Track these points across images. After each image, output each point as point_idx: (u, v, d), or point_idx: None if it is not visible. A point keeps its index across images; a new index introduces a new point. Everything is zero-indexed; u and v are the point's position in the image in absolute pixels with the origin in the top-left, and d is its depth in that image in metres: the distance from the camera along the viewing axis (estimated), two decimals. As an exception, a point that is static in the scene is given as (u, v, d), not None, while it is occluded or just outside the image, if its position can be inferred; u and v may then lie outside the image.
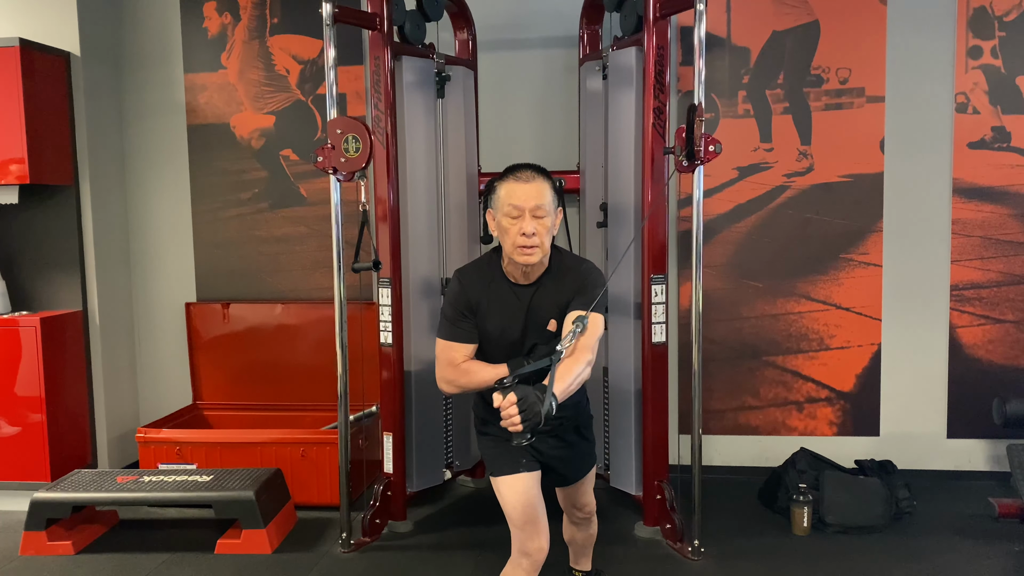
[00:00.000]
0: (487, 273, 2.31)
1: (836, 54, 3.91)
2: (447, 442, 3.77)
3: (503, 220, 2.21)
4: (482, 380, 2.23)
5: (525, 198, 2.18)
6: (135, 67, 4.31)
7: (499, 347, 2.29)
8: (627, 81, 3.43)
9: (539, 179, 2.21)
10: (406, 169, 3.52)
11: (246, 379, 4.29)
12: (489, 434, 2.37)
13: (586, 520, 2.63)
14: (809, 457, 3.64)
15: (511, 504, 2.26)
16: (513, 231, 2.18)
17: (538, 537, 2.24)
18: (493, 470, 2.33)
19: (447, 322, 2.30)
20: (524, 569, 2.25)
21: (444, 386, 2.30)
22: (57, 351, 3.85)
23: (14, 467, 3.79)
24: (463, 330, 2.27)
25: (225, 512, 3.32)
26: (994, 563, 3.10)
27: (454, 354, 2.28)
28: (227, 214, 4.34)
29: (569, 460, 2.43)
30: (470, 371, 2.26)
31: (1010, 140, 3.85)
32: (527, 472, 2.29)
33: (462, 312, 2.27)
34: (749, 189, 3.99)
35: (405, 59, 3.49)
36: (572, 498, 2.55)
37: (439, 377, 2.30)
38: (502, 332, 2.27)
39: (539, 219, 2.18)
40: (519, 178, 2.21)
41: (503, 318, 2.27)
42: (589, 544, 2.76)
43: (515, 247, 2.19)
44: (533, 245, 2.17)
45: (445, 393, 2.29)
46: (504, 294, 2.27)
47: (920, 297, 3.94)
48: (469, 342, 2.28)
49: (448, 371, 2.28)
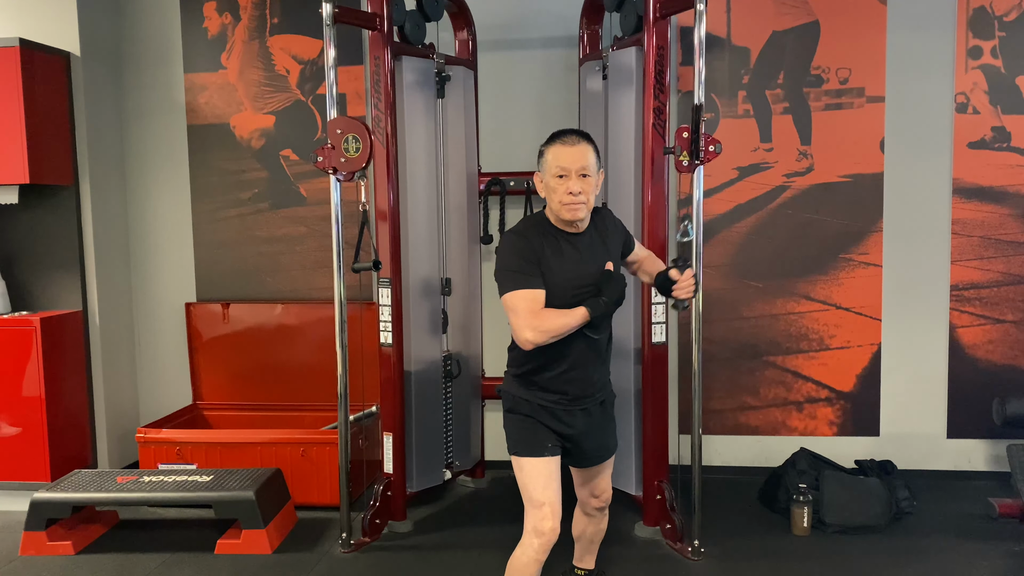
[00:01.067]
0: (540, 227, 2.37)
1: (836, 54, 3.91)
2: (447, 442, 3.76)
3: (551, 181, 2.32)
4: (567, 322, 2.27)
5: (571, 160, 2.29)
6: (135, 67, 4.31)
7: (566, 293, 2.32)
8: (627, 81, 3.43)
9: (583, 143, 2.33)
10: (406, 169, 3.52)
11: (246, 379, 4.29)
12: (520, 413, 2.41)
13: (600, 512, 2.67)
14: (809, 457, 3.64)
15: (533, 483, 2.33)
16: (561, 190, 2.29)
17: (552, 518, 2.31)
18: (518, 449, 2.39)
19: (516, 274, 2.29)
20: (535, 549, 2.31)
21: (533, 335, 2.24)
22: (57, 351, 3.85)
23: (14, 467, 3.79)
24: (534, 277, 2.29)
25: (225, 512, 3.32)
26: (994, 563, 3.10)
27: (533, 303, 2.27)
28: (227, 214, 4.34)
29: (592, 435, 2.48)
30: (552, 316, 2.27)
31: (1010, 140, 3.85)
32: (551, 456, 2.37)
33: (530, 260, 2.30)
34: (749, 189, 3.99)
35: (405, 59, 3.49)
36: (591, 483, 2.59)
37: (524, 327, 2.24)
38: (571, 278, 2.33)
39: (584, 178, 2.30)
40: (565, 142, 2.32)
41: (569, 264, 2.34)
42: (597, 540, 2.78)
43: (563, 205, 2.30)
44: (580, 202, 2.29)
45: (533, 345, 2.23)
46: (562, 244, 2.35)
47: (920, 297, 3.94)
48: (541, 288, 2.30)
49: (532, 319, 2.24)
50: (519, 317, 2.25)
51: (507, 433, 2.46)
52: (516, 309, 2.26)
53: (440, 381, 3.72)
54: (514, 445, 2.41)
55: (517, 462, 2.39)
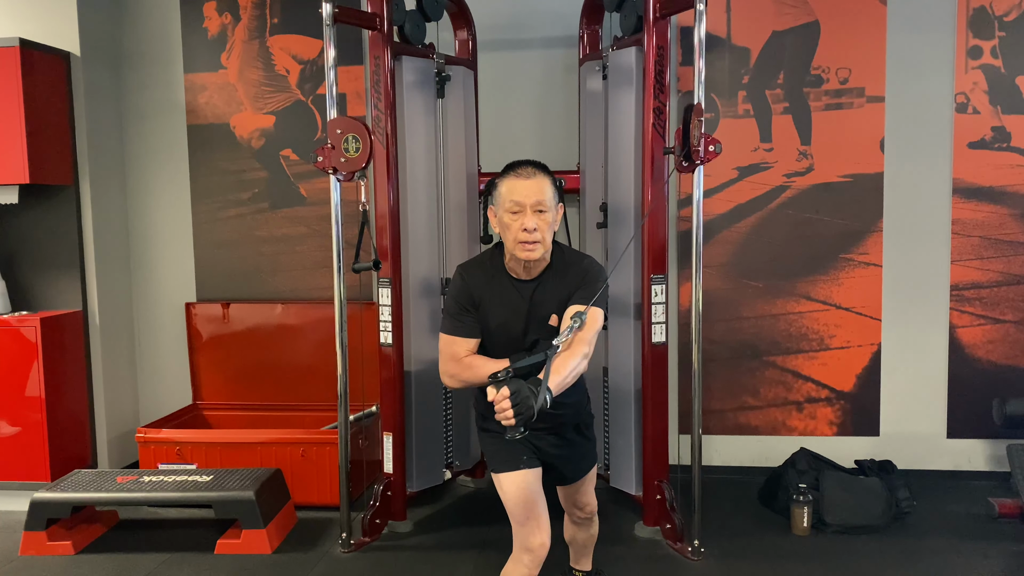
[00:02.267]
0: (489, 269, 2.32)
1: (836, 54, 3.91)
2: (447, 442, 3.76)
3: (504, 216, 2.23)
4: (484, 375, 2.23)
5: (526, 194, 2.20)
6: (135, 67, 4.31)
7: (501, 342, 2.30)
8: (627, 81, 3.43)
9: (539, 175, 2.24)
10: (406, 169, 3.52)
11: (246, 379, 4.29)
12: (490, 431, 2.37)
13: (587, 520, 2.63)
14: (809, 457, 3.64)
15: (513, 500, 2.27)
16: (515, 227, 2.20)
17: (540, 533, 2.25)
18: (494, 466, 2.34)
19: (449, 317, 2.31)
20: (525, 565, 2.26)
21: (447, 380, 2.33)
22: (57, 351, 3.85)
23: (14, 467, 3.79)
24: (465, 325, 2.29)
25: (225, 512, 3.32)
26: (994, 563, 3.10)
27: (456, 348, 2.29)
28: (227, 214, 4.34)
29: (569, 459, 2.44)
30: (472, 366, 2.27)
31: (1010, 140, 3.85)
32: (528, 468, 2.30)
33: (464, 307, 2.29)
34: (749, 189, 3.99)
35: (405, 59, 3.49)
36: (573, 498, 2.55)
37: (442, 371, 2.32)
38: (504, 327, 2.28)
39: (540, 215, 2.20)
40: (520, 174, 2.23)
41: (505, 313, 2.28)
42: (590, 544, 2.76)
43: (517, 243, 2.20)
44: (535, 241, 2.19)
45: (447, 387, 2.31)
46: (506, 290, 2.29)
47: (920, 297, 3.94)
48: (471, 336, 2.29)
49: (451, 365, 2.29)
50: (441, 359, 2.31)
51: (484, 453, 2.44)
52: (441, 350, 2.32)
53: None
54: (491, 462, 2.37)
55: (497, 480, 2.32)
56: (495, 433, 2.32)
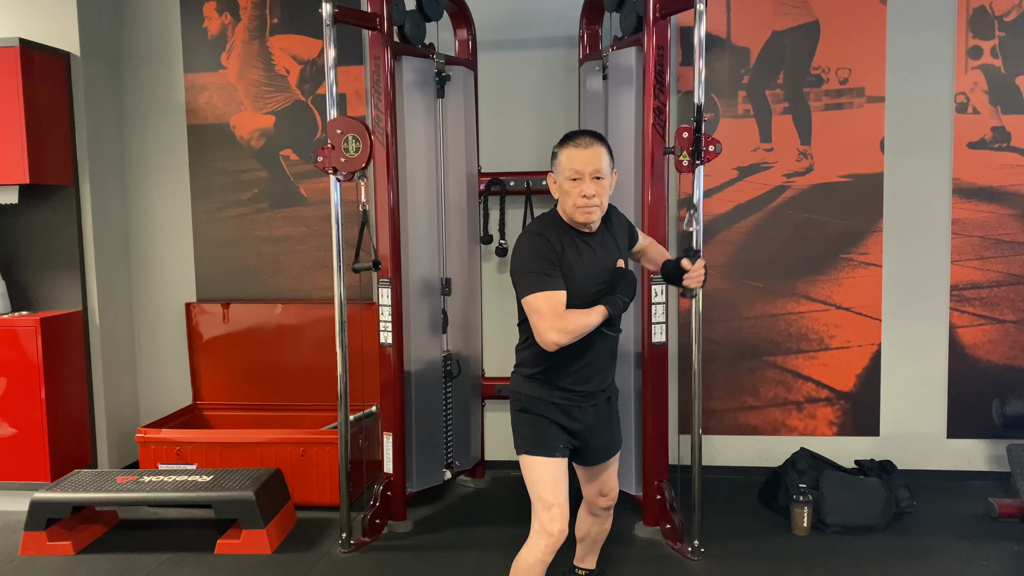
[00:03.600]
0: (556, 227, 2.37)
1: (836, 54, 3.91)
2: (447, 442, 3.76)
3: (564, 183, 2.32)
4: (589, 321, 2.28)
5: (584, 163, 2.29)
6: (135, 67, 4.31)
7: (584, 291, 2.33)
8: (627, 81, 3.43)
9: (596, 144, 2.33)
10: (406, 169, 3.52)
11: (246, 379, 4.29)
12: (532, 412, 2.40)
13: (606, 511, 2.67)
14: (809, 457, 3.64)
15: (542, 483, 2.34)
16: (575, 193, 2.30)
17: (562, 520, 2.31)
18: (529, 448, 2.38)
19: (538, 275, 2.28)
20: (541, 550, 2.31)
21: (557, 336, 2.24)
22: (57, 351, 3.85)
23: (14, 467, 3.79)
24: (555, 278, 2.29)
25: (225, 512, 3.32)
26: (994, 563, 3.10)
27: (556, 303, 2.27)
28: (227, 214, 4.34)
29: (601, 430, 2.49)
30: (575, 317, 2.27)
31: (1010, 140, 3.85)
32: (562, 458, 2.38)
33: (552, 261, 2.30)
34: (749, 189, 3.99)
35: (405, 59, 3.49)
36: (599, 480, 2.59)
37: (549, 329, 2.24)
38: (589, 277, 2.34)
39: (598, 181, 2.31)
40: (578, 144, 2.32)
41: (586, 263, 2.35)
42: (600, 540, 2.78)
43: (576, 207, 2.30)
44: (594, 205, 2.31)
45: (557, 346, 2.23)
46: (579, 243, 2.36)
47: (920, 297, 3.94)
48: (563, 289, 2.30)
49: (559, 321, 2.24)
50: (544, 319, 2.25)
51: (517, 432, 2.44)
52: (540, 311, 2.25)
53: (440, 381, 3.72)
54: (525, 444, 2.40)
55: (528, 461, 2.38)
56: (537, 416, 2.39)
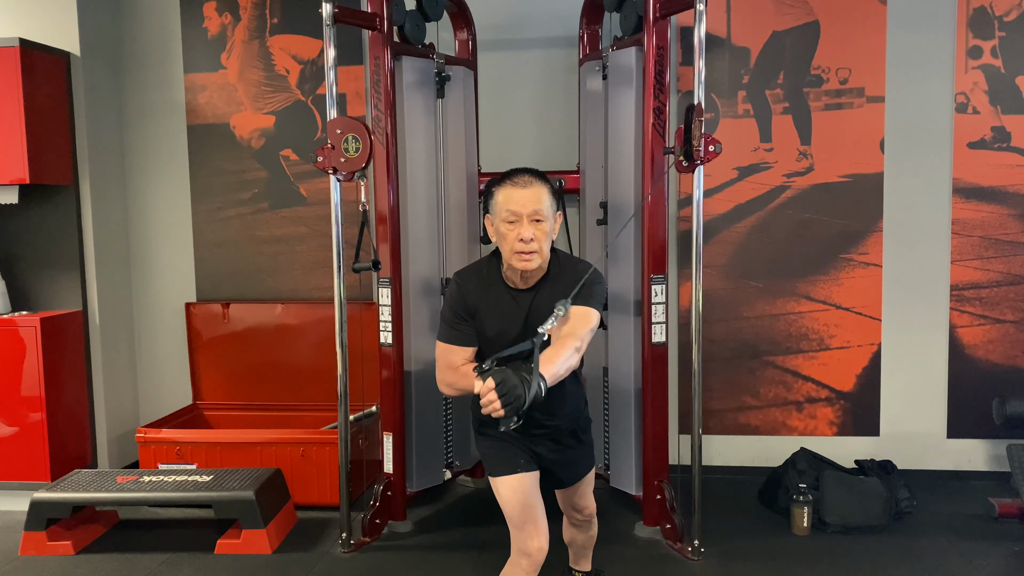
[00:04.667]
0: (486, 277, 2.30)
1: (836, 54, 3.91)
2: (447, 442, 3.77)
3: (501, 226, 2.19)
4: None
5: (523, 203, 2.15)
6: (135, 67, 4.31)
7: (497, 351, 2.27)
8: (627, 81, 3.43)
9: (537, 183, 2.19)
10: (406, 169, 3.52)
11: (246, 379, 4.29)
12: (488, 435, 2.37)
13: (586, 522, 2.63)
14: (809, 457, 3.64)
15: (510, 504, 2.26)
16: (511, 237, 2.16)
17: (537, 537, 2.23)
18: (492, 470, 2.33)
19: (446, 325, 2.30)
20: (523, 569, 2.25)
21: (443, 388, 2.31)
22: (57, 351, 3.85)
23: (14, 467, 3.79)
24: (462, 333, 2.27)
25: (225, 512, 3.32)
26: (994, 563, 3.10)
27: (453, 357, 2.27)
28: (227, 214, 4.34)
29: (565, 464, 2.43)
30: (468, 374, 2.23)
31: (1010, 140, 3.85)
32: (525, 472, 2.29)
33: (461, 315, 2.27)
34: (749, 189, 3.99)
35: (405, 59, 3.49)
36: (571, 500, 2.55)
37: (439, 379, 2.31)
38: (501, 335, 2.26)
39: (538, 224, 2.16)
40: (516, 183, 2.19)
41: (502, 322, 2.26)
42: (589, 545, 2.76)
43: (513, 253, 2.17)
44: (531, 251, 2.15)
45: (445, 395, 2.29)
46: (503, 299, 2.26)
47: (920, 297, 3.94)
48: (468, 345, 2.28)
49: (447, 374, 2.27)
50: (438, 367, 2.31)
51: (481, 456, 2.42)
52: (438, 359, 2.31)
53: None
54: (488, 466, 2.36)
55: (494, 483, 2.32)
56: (492, 437, 2.33)
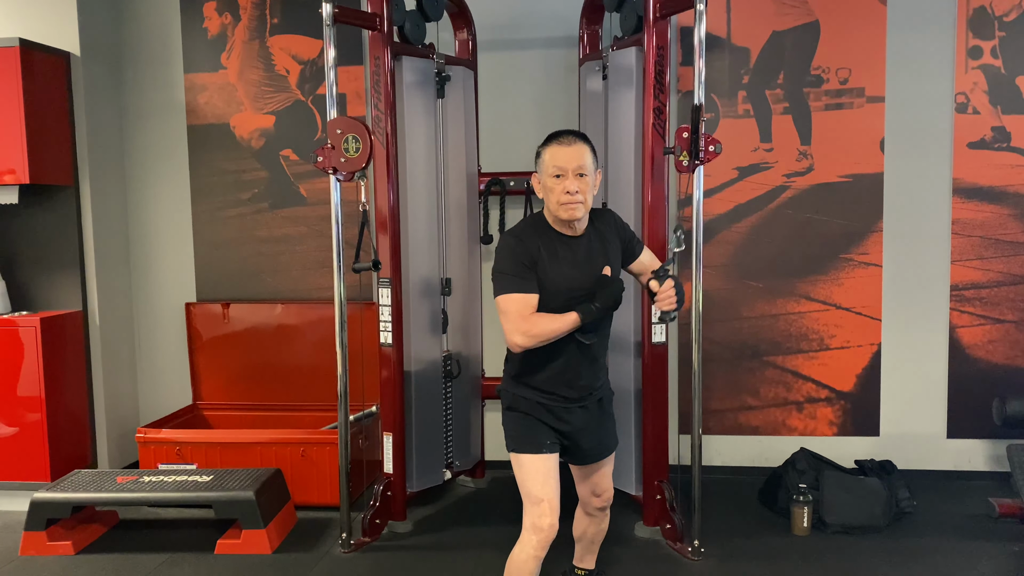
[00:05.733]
0: (540, 229, 2.38)
1: (836, 54, 3.91)
2: (447, 442, 3.76)
3: (548, 181, 2.33)
4: (557, 327, 2.29)
5: (567, 160, 2.30)
6: (135, 67, 4.31)
7: (560, 296, 2.33)
8: (627, 81, 3.43)
9: (579, 143, 2.33)
10: (406, 169, 3.52)
11: (246, 379, 4.29)
12: (518, 411, 2.43)
13: (601, 511, 2.67)
14: (809, 457, 3.64)
15: (531, 479, 2.35)
16: (558, 190, 2.30)
17: (551, 514, 2.32)
18: (516, 447, 2.41)
19: (510, 276, 2.31)
20: (533, 546, 2.32)
21: (521, 339, 2.28)
22: (57, 351, 3.85)
23: (14, 467, 3.79)
24: (529, 281, 2.31)
25: (225, 512, 3.32)
26: (994, 563, 3.10)
27: (523, 305, 2.30)
28: (227, 214, 4.34)
29: (592, 432, 2.49)
30: (542, 321, 2.29)
31: (1010, 140, 3.85)
32: (550, 453, 2.39)
33: (524, 264, 2.31)
34: (749, 189, 3.99)
35: (405, 59, 3.49)
36: (592, 481, 2.59)
37: (515, 331, 2.28)
38: (566, 281, 2.33)
39: (581, 178, 2.30)
40: (561, 142, 2.33)
41: (565, 268, 2.34)
42: (598, 540, 2.78)
43: (560, 204, 2.30)
44: (577, 201, 2.29)
45: (521, 348, 2.29)
46: (559, 247, 2.35)
47: (920, 297, 3.94)
48: (534, 293, 2.32)
49: (522, 323, 2.28)
50: (509, 320, 2.30)
51: (506, 431, 2.47)
52: (507, 312, 2.30)
53: (440, 381, 3.72)
54: (513, 442, 2.43)
55: (516, 459, 2.41)
56: (524, 414, 2.41)
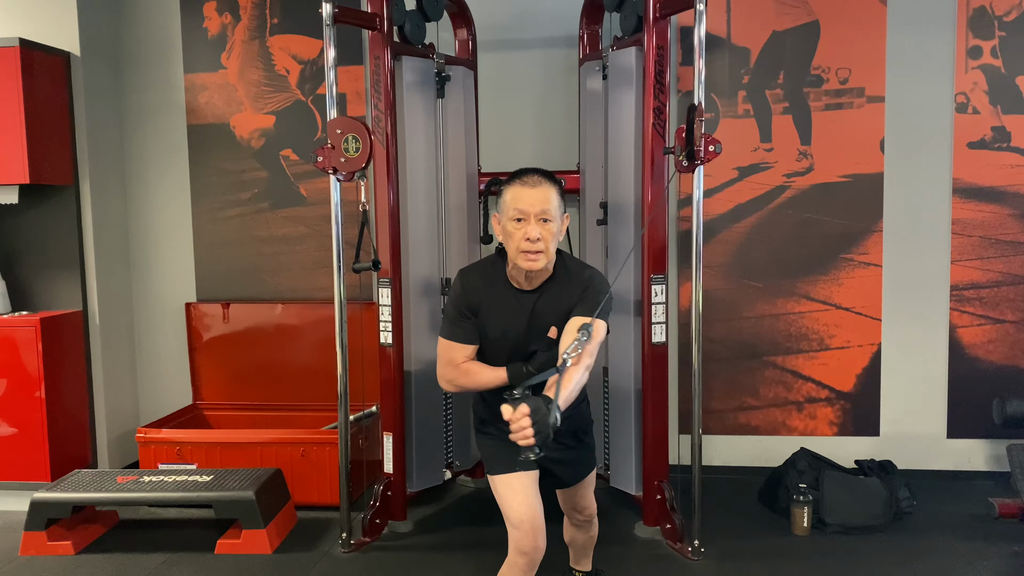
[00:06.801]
0: (491, 276, 2.30)
1: (836, 54, 3.91)
2: (447, 442, 3.76)
3: (508, 224, 2.20)
4: (482, 381, 2.26)
5: (531, 203, 2.16)
6: (135, 67, 4.31)
7: (499, 350, 2.30)
8: (627, 81, 3.43)
9: (545, 184, 2.20)
10: (406, 169, 3.52)
11: (246, 379, 4.29)
12: (488, 433, 2.38)
13: (587, 523, 2.63)
14: (809, 457, 3.64)
15: (508, 503, 2.26)
16: (518, 236, 2.16)
17: (535, 537, 2.21)
18: (491, 469, 2.33)
19: (448, 322, 2.31)
20: (520, 568, 2.24)
21: (444, 384, 2.33)
22: (57, 351, 3.85)
23: (14, 467, 3.79)
24: (464, 330, 2.28)
25: (225, 512, 3.32)
26: (994, 563, 3.10)
27: (455, 354, 2.29)
28: (227, 214, 4.34)
29: (567, 463, 2.43)
30: (470, 372, 2.27)
31: (1010, 140, 3.85)
32: (525, 472, 2.28)
33: (463, 312, 2.28)
34: (749, 189, 3.99)
35: (405, 59, 3.49)
36: (572, 501, 2.55)
37: (440, 375, 2.33)
38: (503, 336, 2.27)
39: (544, 224, 2.17)
40: (525, 183, 2.20)
41: (504, 322, 2.27)
42: (590, 546, 2.76)
43: (519, 252, 2.17)
44: (538, 251, 2.16)
45: (445, 391, 2.32)
46: (506, 298, 2.27)
47: (920, 297, 3.94)
48: (470, 343, 2.29)
49: (448, 370, 2.30)
50: (439, 363, 2.32)
51: (481, 454, 2.44)
52: (440, 355, 2.32)
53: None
54: (487, 465, 2.37)
55: (492, 482, 2.32)
56: (493, 436, 2.34)
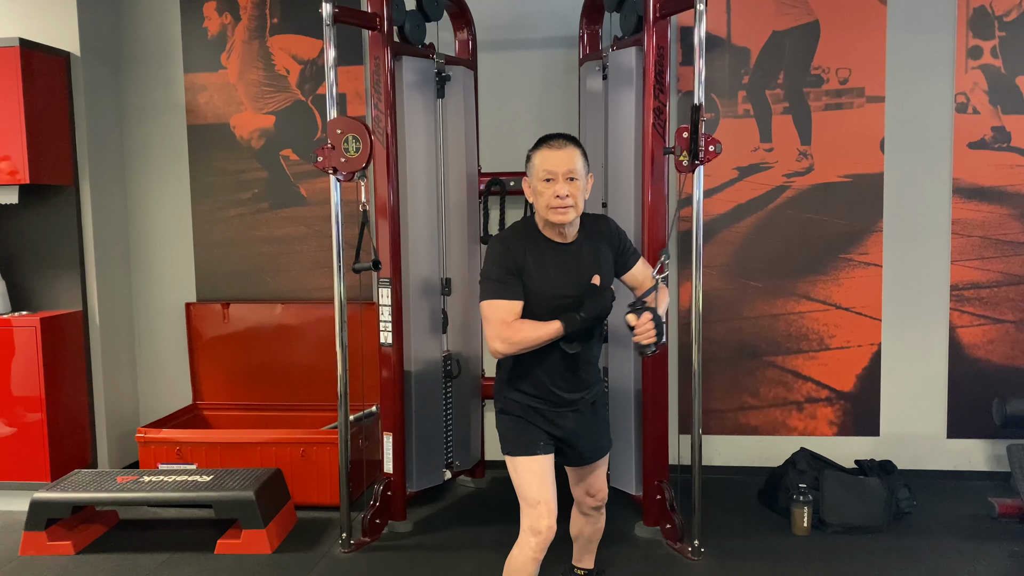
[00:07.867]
0: (529, 236, 2.37)
1: (836, 54, 3.91)
2: (447, 442, 3.76)
3: (538, 185, 2.31)
4: (539, 335, 2.28)
5: (557, 163, 2.29)
6: (135, 67, 4.31)
7: (547, 305, 2.32)
8: (627, 81, 3.43)
9: (570, 146, 2.33)
10: (406, 169, 3.52)
11: (246, 379, 4.29)
12: (511, 414, 2.42)
13: (597, 511, 2.67)
14: (809, 457, 3.64)
15: (527, 482, 2.34)
16: (548, 194, 2.28)
17: (548, 516, 2.32)
18: (511, 449, 2.40)
19: (494, 283, 2.32)
20: (532, 548, 2.32)
21: (500, 346, 2.30)
22: (57, 351, 3.85)
23: (14, 467, 3.79)
24: (512, 287, 2.31)
25: (225, 512, 3.32)
26: (994, 563, 3.10)
27: (505, 313, 2.30)
28: (227, 214, 4.34)
29: (587, 435, 2.49)
30: (523, 328, 2.29)
31: (1010, 140, 3.85)
32: (544, 454, 2.38)
33: (510, 270, 2.31)
34: (749, 189, 3.99)
35: (405, 59, 3.49)
36: (586, 482, 2.59)
37: (495, 337, 2.30)
38: (552, 288, 2.32)
39: (572, 182, 2.29)
40: (552, 146, 2.33)
41: (552, 275, 2.33)
42: (595, 539, 2.78)
43: (549, 208, 2.28)
44: (567, 205, 2.28)
45: (501, 355, 2.32)
46: (547, 253, 2.34)
47: (920, 297, 3.94)
48: (518, 299, 2.31)
49: (502, 329, 2.28)
50: (491, 327, 2.30)
51: (500, 434, 2.47)
52: (489, 318, 2.31)
53: (440, 381, 3.72)
54: (507, 445, 2.43)
55: (511, 462, 2.40)
56: (517, 417, 2.41)
